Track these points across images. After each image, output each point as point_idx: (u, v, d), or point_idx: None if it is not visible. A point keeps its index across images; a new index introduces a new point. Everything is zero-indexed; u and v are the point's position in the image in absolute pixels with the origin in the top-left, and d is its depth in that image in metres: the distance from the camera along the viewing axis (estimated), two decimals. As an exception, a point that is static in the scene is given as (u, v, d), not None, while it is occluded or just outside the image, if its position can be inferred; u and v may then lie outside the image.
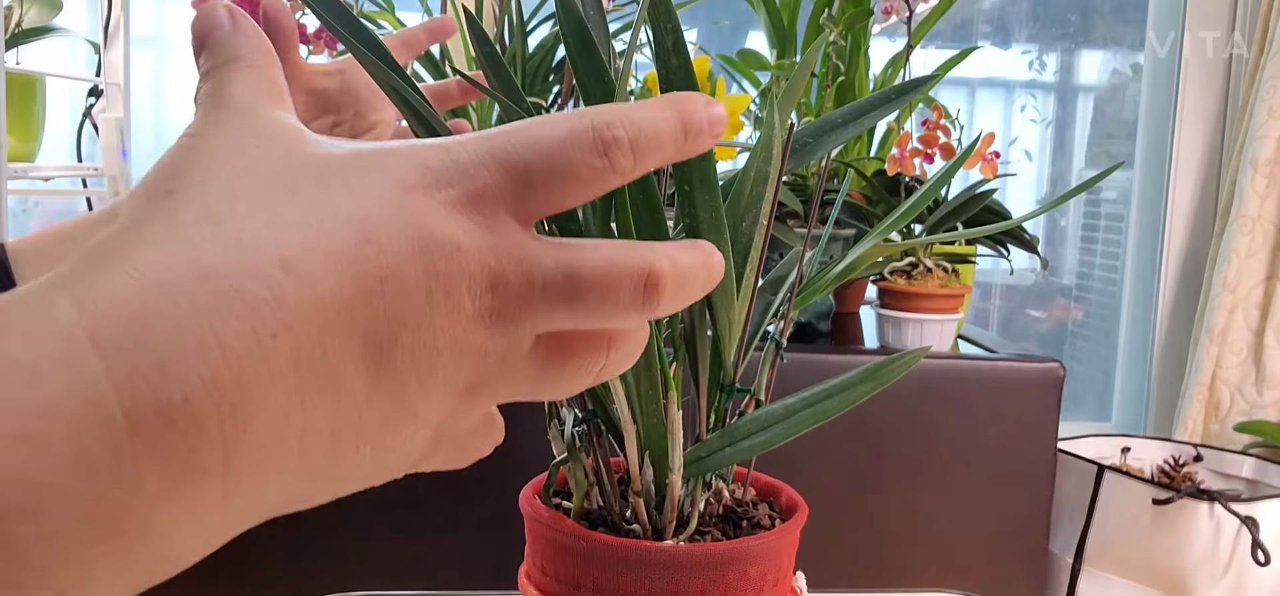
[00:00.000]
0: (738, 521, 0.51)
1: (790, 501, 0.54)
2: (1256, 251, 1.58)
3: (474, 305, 0.24)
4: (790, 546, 0.49)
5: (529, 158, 0.24)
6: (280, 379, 0.21)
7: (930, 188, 0.54)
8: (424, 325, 0.23)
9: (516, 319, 0.25)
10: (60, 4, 1.44)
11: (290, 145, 0.25)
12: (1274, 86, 1.55)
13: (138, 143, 1.62)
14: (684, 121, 0.27)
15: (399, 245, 0.23)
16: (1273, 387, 1.58)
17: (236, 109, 0.26)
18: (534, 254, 0.24)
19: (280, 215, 0.22)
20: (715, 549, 0.47)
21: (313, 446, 0.23)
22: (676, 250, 0.26)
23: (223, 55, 0.27)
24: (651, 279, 0.25)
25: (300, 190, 0.23)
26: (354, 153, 0.24)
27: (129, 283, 0.20)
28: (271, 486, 0.22)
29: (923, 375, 1.04)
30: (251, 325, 0.21)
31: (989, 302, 1.93)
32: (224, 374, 0.20)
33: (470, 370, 0.25)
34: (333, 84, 0.69)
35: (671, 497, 0.47)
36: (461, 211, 0.24)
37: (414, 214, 0.23)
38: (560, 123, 0.25)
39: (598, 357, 0.28)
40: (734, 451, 0.48)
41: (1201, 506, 1.19)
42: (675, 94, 0.27)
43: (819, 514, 1.06)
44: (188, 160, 0.24)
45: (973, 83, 1.89)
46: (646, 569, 0.45)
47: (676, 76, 0.40)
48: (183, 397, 0.20)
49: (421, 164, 0.24)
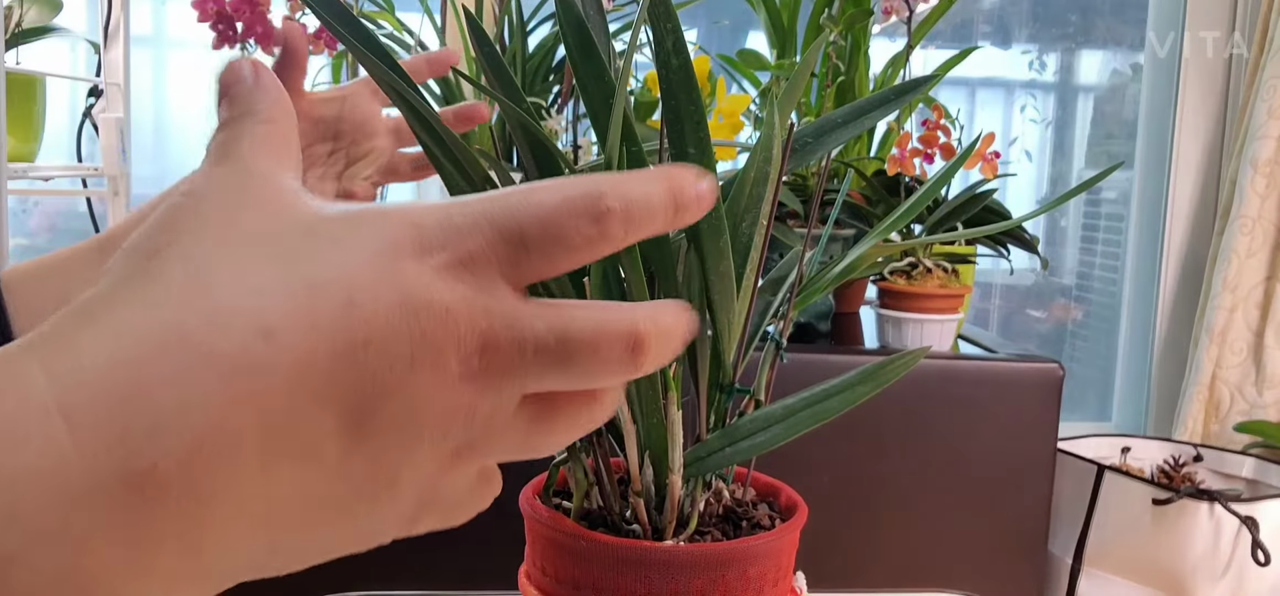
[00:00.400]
0: (738, 521, 0.51)
1: (790, 501, 0.54)
2: (1256, 251, 1.58)
3: (461, 367, 0.24)
4: (790, 546, 0.49)
5: (524, 222, 0.25)
6: (247, 448, 0.21)
7: (930, 188, 0.54)
8: (407, 389, 0.23)
9: (506, 381, 0.25)
10: (60, 4, 1.44)
11: (283, 207, 0.25)
12: (1274, 86, 1.55)
13: (138, 142, 1.62)
14: (675, 196, 0.27)
15: (385, 309, 0.23)
16: (1273, 387, 1.59)
17: (238, 166, 0.26)
18: (525, 317, 0.25)
19: (264, 280, 0.22)
20: (716, 548, 0.47)
21: (283, 514, 0.23)
22: (658, 311, 0.27)
23: (240, 108, 0.28)
24: (637, 340, 0.26)
25: (288, 253, 0.23)
26: (346, 213, 0.25)
27: (102, 350, 0.21)
28: (242, 553, 0.22)
29: (923, 375, 1.04)
30: (223, 393, 0.21)
31: (989, 303, 1.93)
32: (190, 443, 0.20)
33: (457, 432, 0.25)
34: (331, 110, 0.70)
35: (672, 498, 0.47)
36: (452, 274, 0.24)
37: (402, 276, 0.23)
38: (556, 189, 0.25)
39: (585, 412, 0.28)
40: (734, 451, 0.48)
41: (1201, 506, 1.19)
42: (668, 167, 0.28)
43: (819, 514, 1.06)
44: (178, 219, 0.24)
45: (973, 83, 1.89)
46: (647, 569, 0.45)
47: (677, 77, 0.40)
48: (149, 466, 0.20)
49: (414, 224, 0.24)
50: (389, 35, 1.17)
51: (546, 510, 0.49)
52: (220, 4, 1.00)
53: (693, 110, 0.41)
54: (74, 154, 1.53)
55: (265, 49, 1.04)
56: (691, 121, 0.41)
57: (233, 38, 1.02)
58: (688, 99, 0.41)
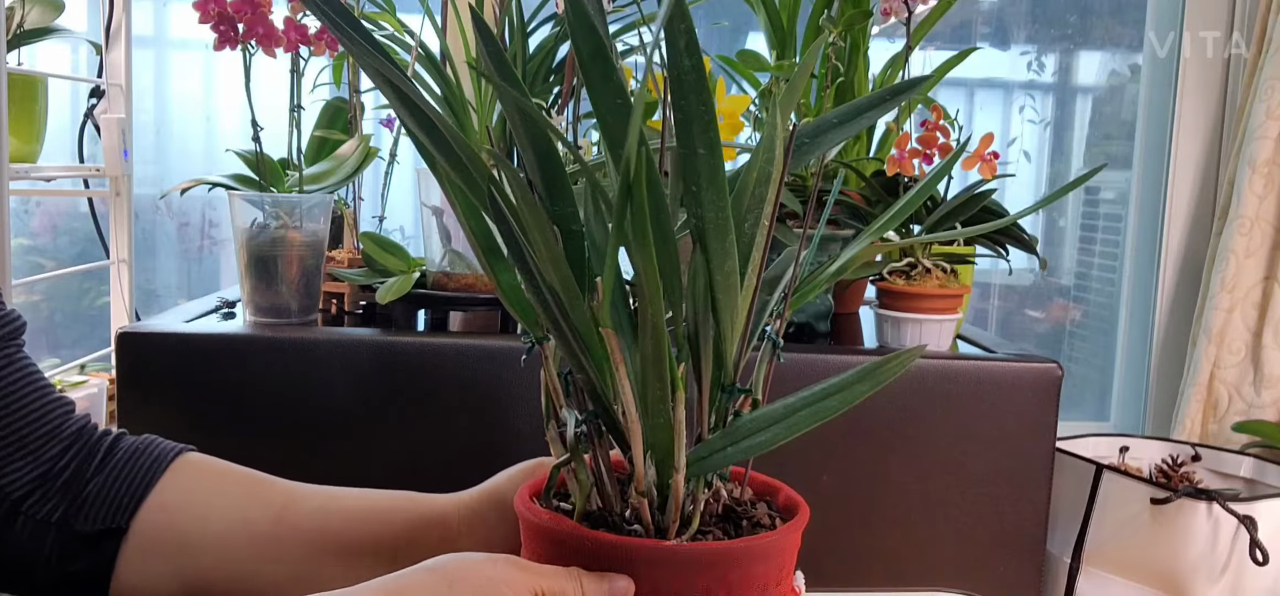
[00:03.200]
0: (737, 520, 0.51)
1: (789, 500, 0.54)
2: (1254, 251, 1.59)
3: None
4: (793, 545, 0.50)
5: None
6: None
7: (924, 186, 0.54)
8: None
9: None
10: (62, 5, 1.44)
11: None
12: (1272, 86, 1.55)
13: (139, 143, 1.63)
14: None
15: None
16: (1270, 387, 1.59)
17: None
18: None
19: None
20: (722, 547, 0.47)
21: None
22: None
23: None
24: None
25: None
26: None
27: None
28: None
29: (922, 375, 1.04)
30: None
31: (988, 303, 1.93)
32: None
33: None
34: None
35: (676, 497, 0.47)
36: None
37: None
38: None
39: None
40: (736, 451, 0.48)
41: (1199, 506, 1.19)
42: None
43: (818, 514, 1.07)
44: None
45: (971, 83, 1.90)
46: (652, 567, 0.46)
47: (689, 78, 0.40)
48: None
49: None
50: (390, 36, 1.17)
51: (547, 512, 0.50)
52: (222, 5, 1.01)
53: (703, 112, 0.41)
54: (76, 154, 1.53)
55: (266, 49, 1.04)
56: (701, 123, 0.41)
57: (234, 39, 1.02)
58: (699, 100, 0.41)
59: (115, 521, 0.58)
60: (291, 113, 1.12)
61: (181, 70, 1.82)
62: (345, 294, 1.19)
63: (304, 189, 1.11)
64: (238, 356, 1.01)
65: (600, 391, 0.48)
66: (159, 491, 0.60)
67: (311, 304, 1.11)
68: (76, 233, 1.75)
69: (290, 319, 1.08)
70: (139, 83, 1.57)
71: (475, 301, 1.13)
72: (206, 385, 1.01)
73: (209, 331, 1.03)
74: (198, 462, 0.63)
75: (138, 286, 1.57)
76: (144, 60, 1.76)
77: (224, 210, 1.74)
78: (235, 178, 1.12)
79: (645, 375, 0.44)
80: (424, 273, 1.16)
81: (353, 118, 1.26)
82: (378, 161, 1.27)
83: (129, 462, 0.60)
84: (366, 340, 1.03)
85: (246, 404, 1.01)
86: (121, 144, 1.48)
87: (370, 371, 1.01)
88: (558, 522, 0.49)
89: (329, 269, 1.18)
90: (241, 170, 1.13)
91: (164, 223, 1.82)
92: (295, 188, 1.11)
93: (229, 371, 1.01)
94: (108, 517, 0.58)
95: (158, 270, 1.82)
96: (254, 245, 1.06)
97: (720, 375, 0.48)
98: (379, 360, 1.01)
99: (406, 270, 1.17)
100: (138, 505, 0.59)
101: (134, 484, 0.59)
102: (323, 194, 1.12)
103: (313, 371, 1.01)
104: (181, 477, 0.61)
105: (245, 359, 1.01)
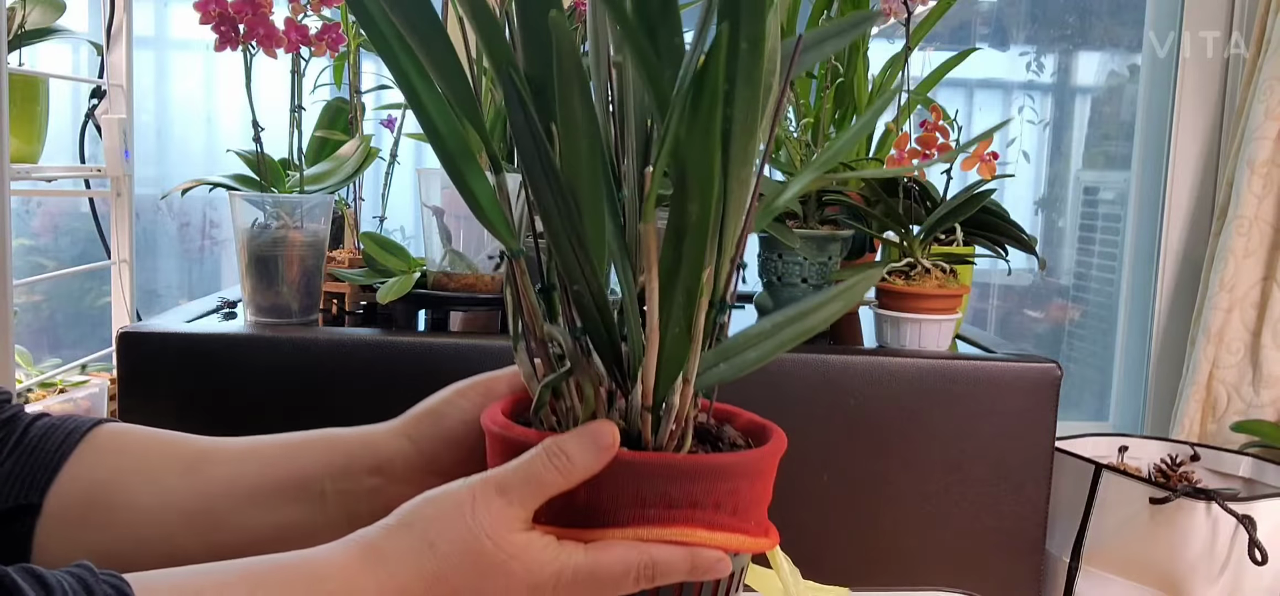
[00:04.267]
0: (713, 441, 0.52)
1: (750, 423, 0.54)
2: (1253, 252, 1.59)
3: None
4: (774, 468, 0.50)
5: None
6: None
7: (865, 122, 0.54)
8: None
9: None
10: (63, 5, 1.44)
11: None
12: (1271, 87, 1.56)
13: (140, 144, 1.63)
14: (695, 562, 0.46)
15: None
16: (1269, 387, 1.59)
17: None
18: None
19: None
20: (723, 459, 0.48)
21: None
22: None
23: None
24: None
25: None
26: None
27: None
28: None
29: (921, 375, 1.05)
30: None
31: (987, 303, 1.93)
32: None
33: None
34: None
35: (682, 410, 0.47)
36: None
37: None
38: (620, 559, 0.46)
39: None
40: (728, 367, 0.48)
41: (1198, 505, 1.20)
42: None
43: (818, 514, 1.07)
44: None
45: (971, 84, 1.90)
46: (639, 477, 0.46)
47: None
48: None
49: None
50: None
51: (537, 432, 0.48)
52: (222, 6, 1.01)
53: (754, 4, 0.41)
54: (77, 155, 1.54)
55: (267, 50, 1.04)
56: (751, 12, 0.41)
57: (235, 39, 1.02)
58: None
59: (27, 498, 0.57)
60: (292, 113, 1.13)
61: (182, 71, 1.82)
62: (346, 294, 1.20)
63: (305, 189, 1.11)
64: (239, 356, 1.02)
65: (600, 303, 0.46)
66: (72, 463, 0.59)
67: (312, 304, 1.11)
68: (77, 233, 1.75)
69: (291, 319, 1.09)
70: (140, 83, 1.57)
71: (475, 301, 1.13)
72: (207, 385, 1.02)
73: (210, 331, 1.03)
74: (112, 431, 0.61)
75: (139, 286, 1.57)
76: (145, 61, 1.76)
77: (225, 210, 1.74)
78: (236, 178, 1.12)
79: (676, 279, 0.43)
80: (424, 273, 1.17)
81: (353, 118, 1.26)
82: (378, 162, 1.28)
83: (42, 439, 0.60)
84: (367, 340, 1.03)
85: (247, 404, 1.01)
86: (122, 144, 1.48)
87: (371, 371, 1.01)
88: (540, 437, 0.48)
89: (330, 269, 1.18)
90: (242, 170, 1.13)
91: (165, 223, 1.82)
92: (296, 188, 1.11)
93: (230, 371, 1.01)
94: (20, 495, 0.57)
95: (159, 270, 1.82)
96: (255, 245, 1.06)
97: (713, 293, 0.47)
98: (379, 360, 1.02)
99: (407, 270, 1.17)
100: (50, 479, 0.58)
101: (46, 458, 0.59)
102: (323, 194, 1.12)
103: (313, 371, 1.01)
104: (95, 447, 0.60)
105: (246, 359, 1.02)
